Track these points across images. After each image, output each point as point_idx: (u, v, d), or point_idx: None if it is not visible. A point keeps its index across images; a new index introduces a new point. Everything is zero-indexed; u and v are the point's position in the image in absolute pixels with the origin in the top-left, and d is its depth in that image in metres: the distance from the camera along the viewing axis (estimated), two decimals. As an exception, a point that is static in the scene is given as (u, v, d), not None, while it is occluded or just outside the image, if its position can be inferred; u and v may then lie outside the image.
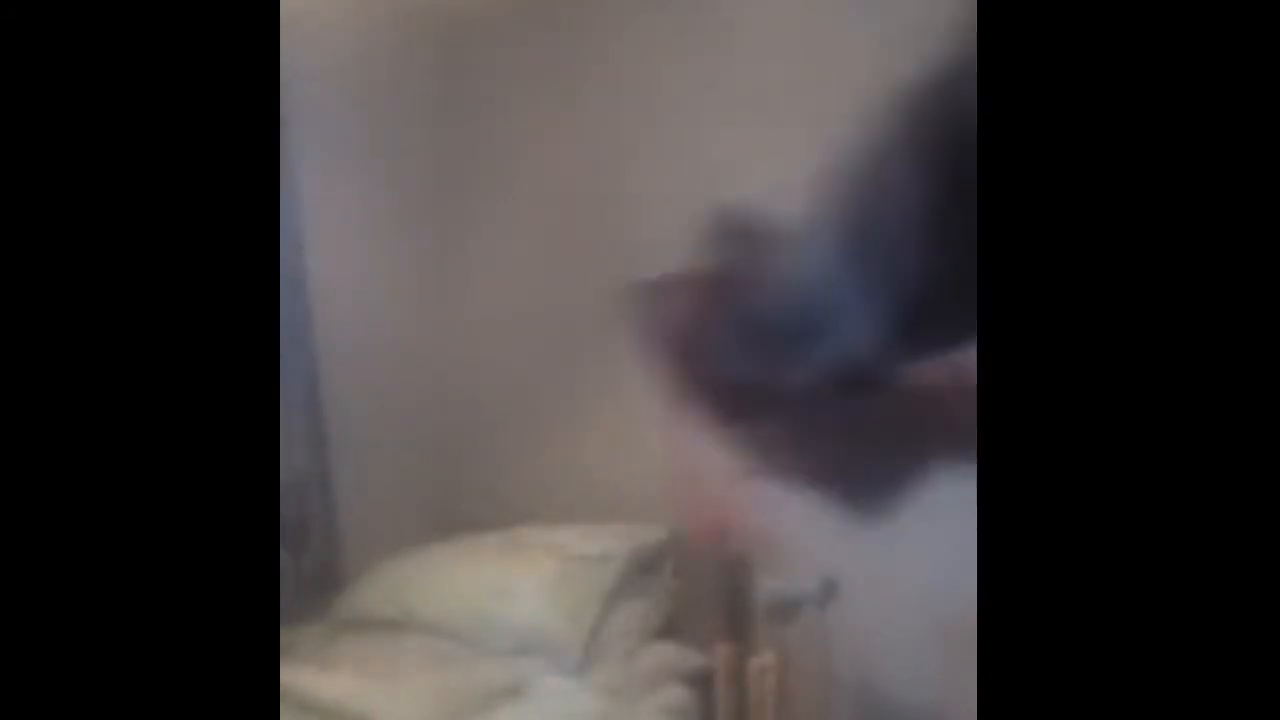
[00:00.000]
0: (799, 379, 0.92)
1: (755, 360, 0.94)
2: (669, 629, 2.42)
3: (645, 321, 1.08)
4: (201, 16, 0.85)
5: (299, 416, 2.55)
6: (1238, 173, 0.81)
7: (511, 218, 2.68)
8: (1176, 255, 0.82)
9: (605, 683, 2.17)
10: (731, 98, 2.47)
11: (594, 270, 2.64)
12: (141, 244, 0.83)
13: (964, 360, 0.87)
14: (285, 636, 2.16)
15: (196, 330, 0.84)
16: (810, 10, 2.40)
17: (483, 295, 2.13)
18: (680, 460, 1.14)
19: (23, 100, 0.81)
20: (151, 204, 0.84)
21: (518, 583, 2.38)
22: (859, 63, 2.34)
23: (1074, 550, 0.85)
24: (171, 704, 0.81)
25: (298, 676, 2.08)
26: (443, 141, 2.73)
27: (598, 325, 2.65)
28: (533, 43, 2.67)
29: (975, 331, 0.86)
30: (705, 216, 1.00)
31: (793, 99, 2.41)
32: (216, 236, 0.85)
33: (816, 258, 0.85)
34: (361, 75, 2.72)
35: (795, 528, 2.41)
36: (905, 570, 2.29)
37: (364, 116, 2.73)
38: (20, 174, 0.81)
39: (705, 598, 2.45)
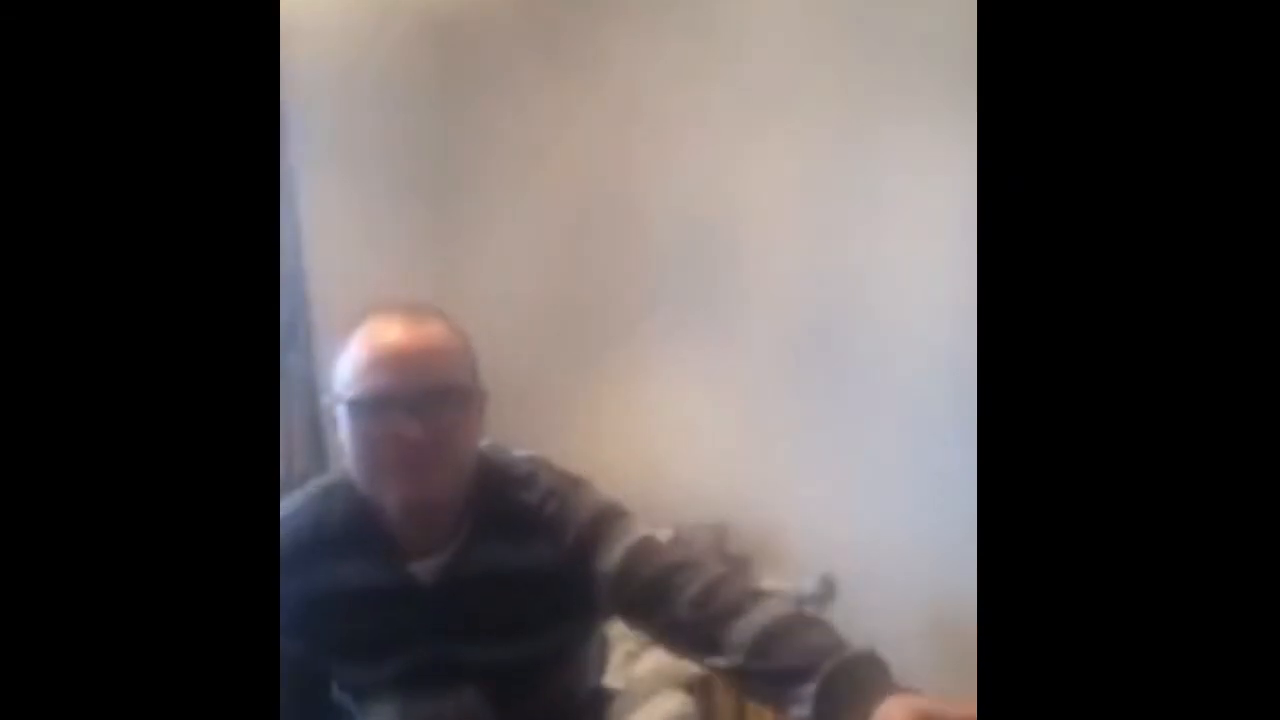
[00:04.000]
0: None
1: None
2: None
3: None
4: (202, 19, 0.85)
5: (299, 416, 2.55)
6: (1236, 181, 0.81)
7: (512, 218, 2.68)
8: (1174, 258, 0.82)
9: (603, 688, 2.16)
10: (732, 97, 2.47)
11: (596, 272, 2.64)
12: (142, 245, 0.83)
13: None
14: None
15: (197, 331, 0.84)
16: (810, 12, 2.40)
17: (482, 297, 2.13)
18: None
19: (24, 101, 0.81)
20: (152, 205, 0.84)
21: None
22: (856, 65, 2.34)
23: (1072, 551, 0.85)
24: (175, 698, 0.81)
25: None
26: (442, 141, 2.73)
27: (599, 328, 2.65)
28: (533, 43, 2.67)
29: None
30: None
31: (791, 98, 2.42)
32: (216, 237, 0.85)
33: None
34: (361, 75, 2.72)
35: (795, 526, 2.42)
36: (906, 569, 2.29)
37: (364, 117, 2.72)
38: (21, 174, 0.81)
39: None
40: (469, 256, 2.68)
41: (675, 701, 2.22)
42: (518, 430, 1.96)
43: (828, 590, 2.19)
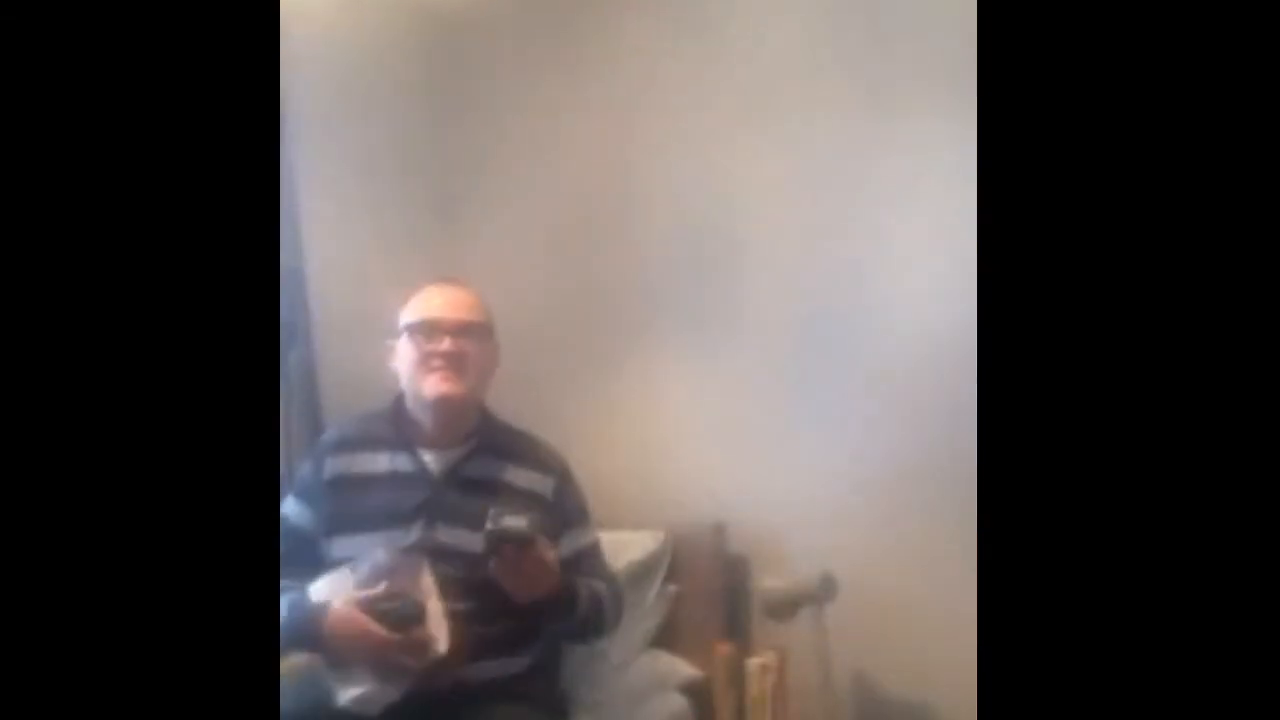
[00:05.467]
0: None
1: None
2: (668, 630, 2.42)
3: None
4: (202, 19, 0.85)
5: (299, 416, 2.55)
6: (1236, 176, 0.81)
7: (511, 217, 2.68)
8: (1174, 253, 0.82)
9: (599, 693, 2.16)
10: (731, 94, 2.47)
11: (596, 271, 2.64)
12: (144, 244, 0.84)
13: None
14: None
15: (197, 329, 0.84)
16: (809, 8, 2.40)
17: (483, 295, 2.14)
18: None
19: (24, 99, 0.82)
20: (154, 204, 0.84)
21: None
22: (858, 61, 2.34)
23: (1072, 550, 0.85)
24: (175, 699, 0.81)
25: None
26: (443, 140, 2.73)
27: (597, 328, 2.65)
28: (533, 42, 2.67)
29: None
30: None
31: (794, 94, 2.41)
32: (216, 235, 0.86)
33: None
34: (362, 74, 2.72)
35: (795, 526, 2.42)
36: (905, 569, 2.29)
37: (364, 115, 2.72)
38: (21, 172, 0.81)
39: (704, 598, 2.45)
40: (470, 255, 2.68)
41: (673, 704, 2.22)
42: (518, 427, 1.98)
43: (828, 590, 2.19)
